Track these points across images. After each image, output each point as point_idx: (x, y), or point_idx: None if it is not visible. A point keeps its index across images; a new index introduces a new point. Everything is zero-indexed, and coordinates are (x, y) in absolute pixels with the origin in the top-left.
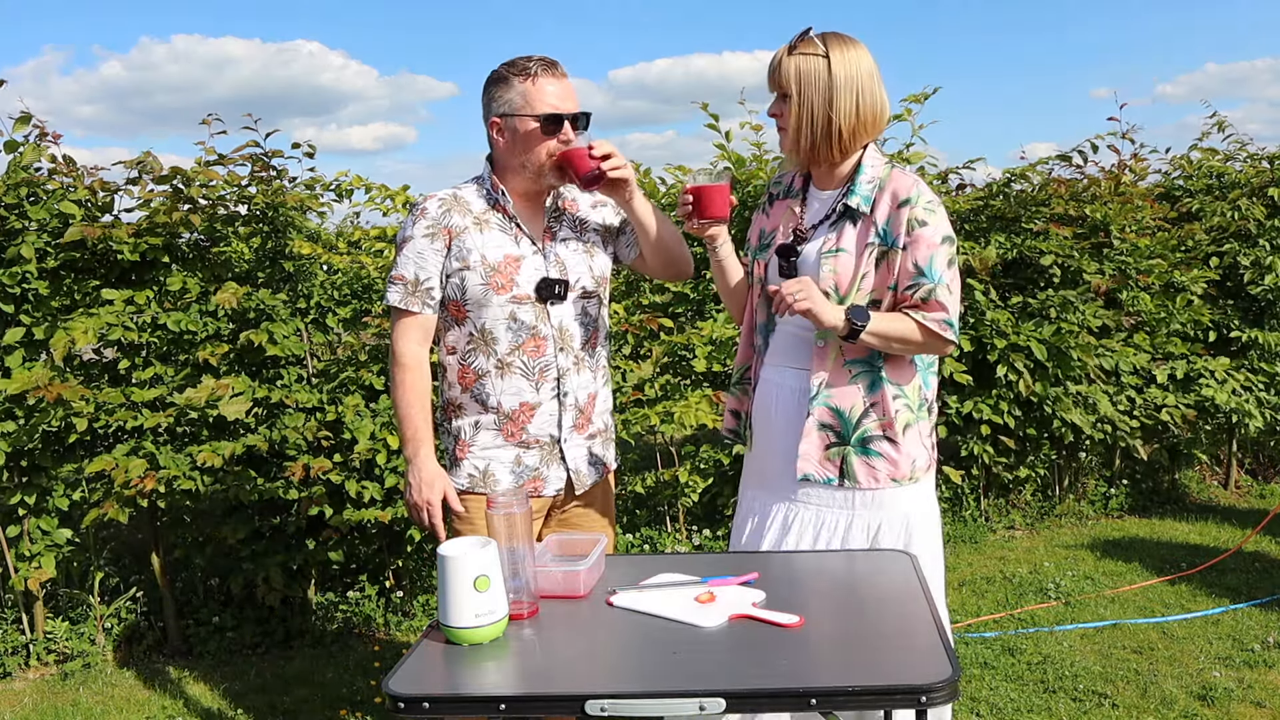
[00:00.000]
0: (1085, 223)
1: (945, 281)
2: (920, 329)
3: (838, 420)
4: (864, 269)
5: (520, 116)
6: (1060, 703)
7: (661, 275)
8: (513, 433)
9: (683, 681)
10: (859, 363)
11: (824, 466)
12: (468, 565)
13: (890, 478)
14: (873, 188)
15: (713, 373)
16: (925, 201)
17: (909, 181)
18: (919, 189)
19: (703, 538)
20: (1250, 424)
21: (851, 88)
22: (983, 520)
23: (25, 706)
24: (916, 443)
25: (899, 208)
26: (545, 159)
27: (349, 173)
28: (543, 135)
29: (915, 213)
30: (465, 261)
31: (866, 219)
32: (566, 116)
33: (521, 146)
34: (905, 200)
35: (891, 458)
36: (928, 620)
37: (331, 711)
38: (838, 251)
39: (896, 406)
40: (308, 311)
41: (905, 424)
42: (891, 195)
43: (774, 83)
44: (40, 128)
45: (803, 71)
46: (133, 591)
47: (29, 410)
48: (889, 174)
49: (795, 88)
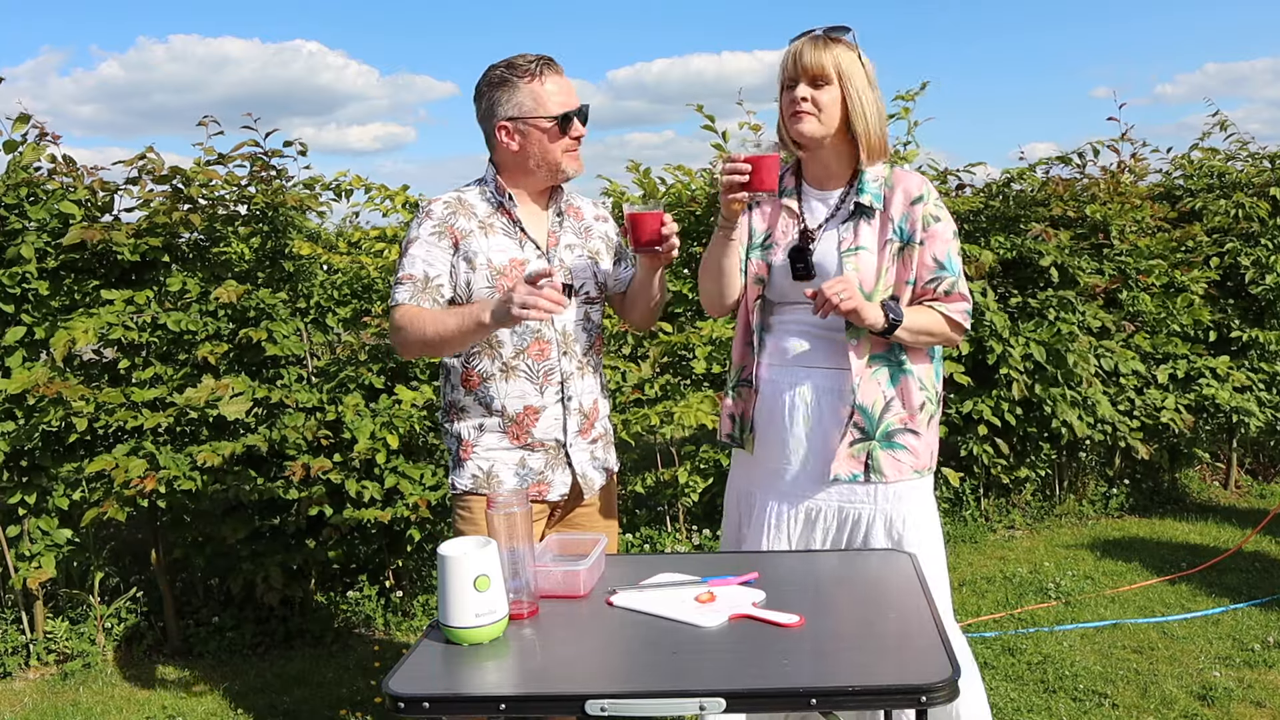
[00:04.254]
0: (1085, 223)
1: (958, 269)
2: (946, 321)
3: (862, 416)
4: (885, 265)
5: (534, 118)
6: (1060, 703)
7: (629, 320)
8: (517, 435)
9: (683, 681)
10: (879, 357)
11: (850, 464)
12: (468, 565)
13: (913, 469)
14: (880, 185)
15: (712, 374)
16: (935, 199)
17: (917, 179)
18: (928, 186)
19: (703, 538)
20: (1250, 423)
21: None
22: (983, 520)
23: (25, 706)
24: (934, 433)
25: (913, 204)
26: (560, 156)
27: (348, 173)
28: (559, 134)
29: (929, 209)
30: (471, 264)
31: (882, 215)
32: (576, 113)
33: (538, 148)
34: (919, 197)
35: (915, 449)
36: (928, 620)
37: (331, 711)
38: (857, 249)
39: (920, 399)
40: (308, 311)
41: (930, 415)
42: (904, 192)
43: (805, 71)
44: (40, 128)
45: (845, 60)
46: (133, 591)
47: (29, 410)
48: (892, 173)
49: (844, 74)
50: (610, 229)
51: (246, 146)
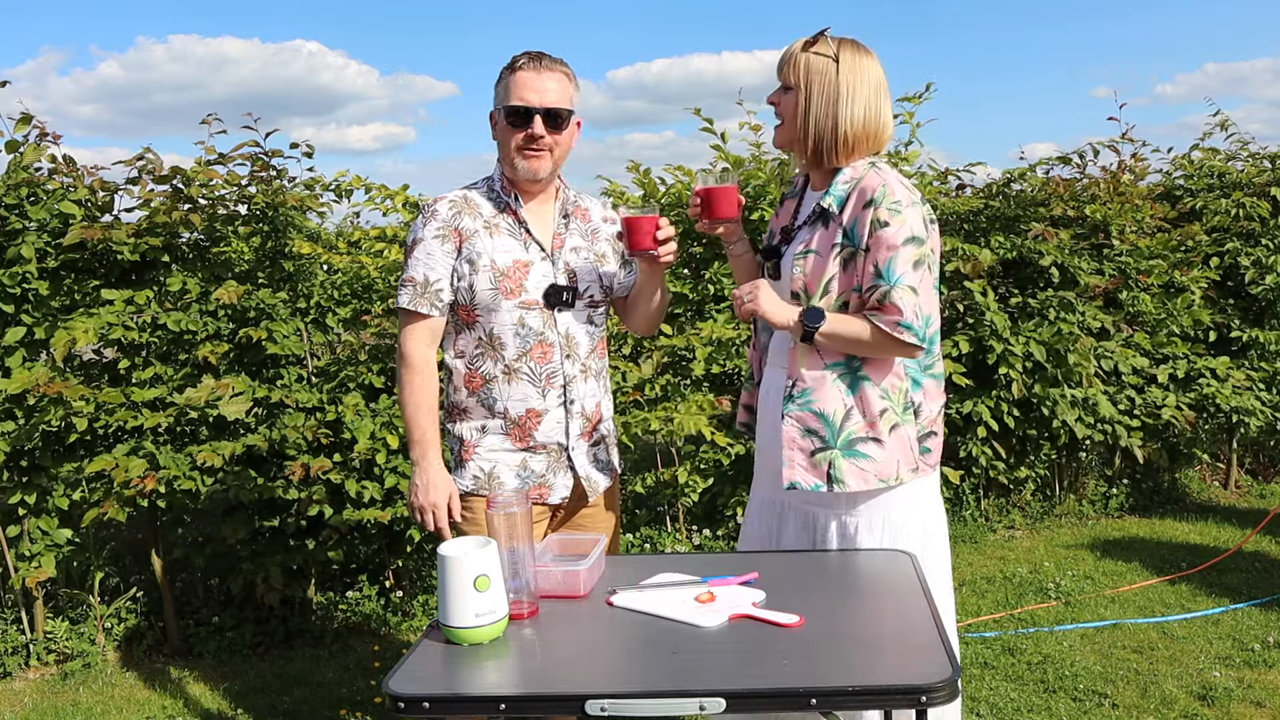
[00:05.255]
0: (1085, 223)
1: (905, 283)
2: (873, 331)
3: (822, 424)
4: (831, 271)
5: (499, 109)
6: (1060, 703)
7: (630, 325)
8: (519, 437)
9: (683, 681)
10: (837, 364)
11: (810, 473)
12: (468, 565)
13: (877, 478)
14: (848, 188)
15: (711, 375)
16: (890, 202)
17: (877, 181)
18: (885, 188)
19: (703, 538)
20: (1250, 423)
21: (857, 96)
22: (983, 520)
23: (25, 706)
24: (899, 445)
25: (864, 208)
26: (514, 151)
27: (348, 172)
28: (510, 128)
29: (879, 213)
30: (475, 265)
31: (835, 219)
32: (536, 110)
33: (501, 139)
34: (870, 201)
35: (877, 459)
36: (927, 620)
37: (331, 711)
38: (808, 254)
39: (881, 406)
40: (308, 311)
41: (891, 425)
42: (859, 195)
43: (781, 74)
44: (40, 128)
45: (811, 69)
46: (133, 591)
47: (29, 410)
48: (865, 173)
49: (801, 82)
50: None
51: (247, 146)
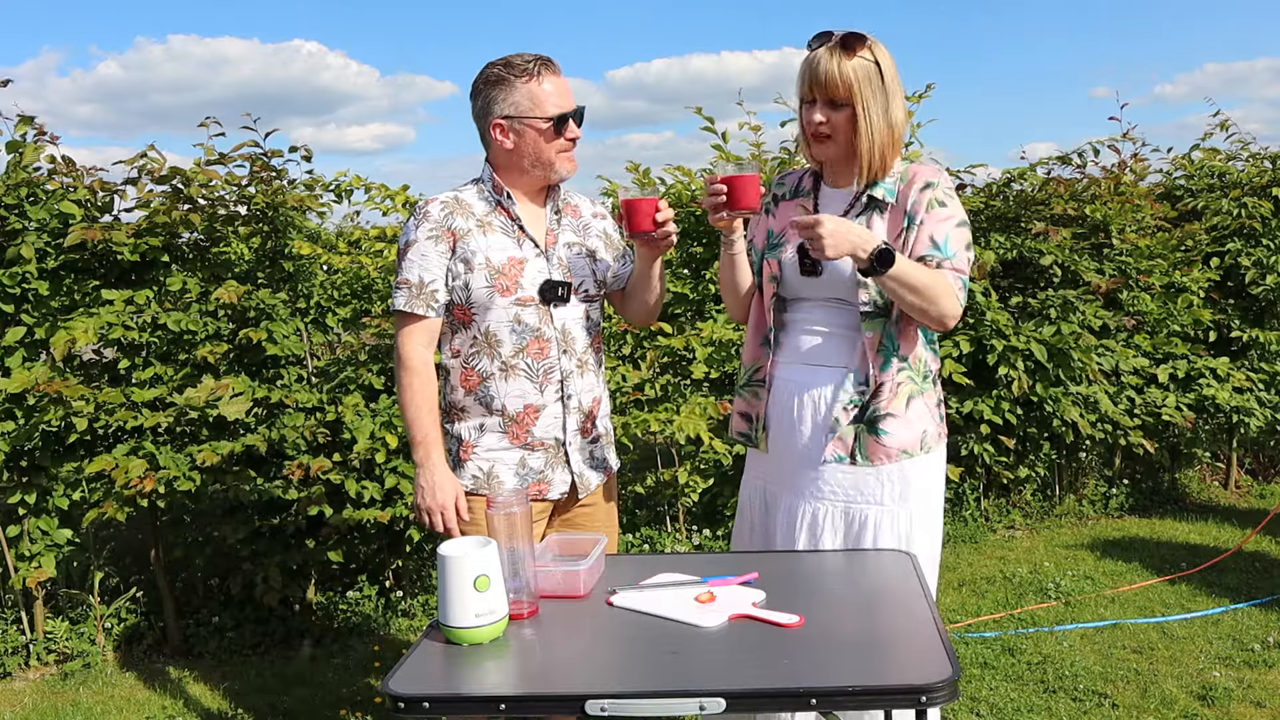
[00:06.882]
0: (1085, 223)
1: (962, 256)
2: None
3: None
4: None
5: (529, 119)
6: (1060, 703)
7: (628, 317)
8: (517, 435)
9: (683, 681)
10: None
11: (837, 446)
12: (468, 565)
13: (902, 450)
14: (896, 180)
15: (711, 376)
16: (946, 186)
17: (933, 169)
18: (943, 175)
19: (703, 538)
20: (1250, 423)
21: (897, 93)
22: (983, 520)
23: (25, 706)
24: (925, 413)
25: (923, 190)
26: (555, 157)
27: (348, 173)
28: (554, 135)
29: (937, 194)
30: (469, 264)
31: (894, 208)
32: (572, 114)
33: (532, 148)
34: (929, 183)
35: (899, 432)
36: (928, 620)
37: (331, 711)
38: None
39: (900, 379)
40: (307, 311)
41: (909, 395)
42: (914, 179)
43: (821, 89)
44: (40, 128)
45: (860, 78)
46: (133, 591)
47: (29, 410)
48: (908, 167)
49: (857, 95)
50: (609, 225)
51: (246, 147)
